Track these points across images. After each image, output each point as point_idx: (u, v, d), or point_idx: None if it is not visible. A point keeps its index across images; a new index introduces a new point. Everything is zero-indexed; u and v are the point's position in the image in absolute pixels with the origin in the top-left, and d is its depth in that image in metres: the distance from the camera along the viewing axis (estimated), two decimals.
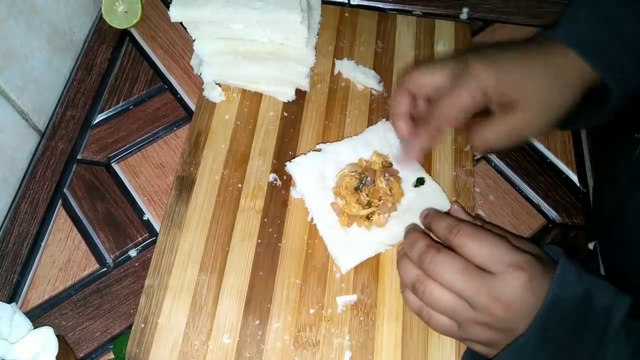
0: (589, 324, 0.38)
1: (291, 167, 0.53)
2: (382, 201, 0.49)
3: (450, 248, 0.42)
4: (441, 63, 0.46)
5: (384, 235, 0.50)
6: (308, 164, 0.53)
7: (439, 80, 0.46)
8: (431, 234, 0.46)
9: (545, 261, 0.40)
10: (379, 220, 0.49)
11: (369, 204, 0.49)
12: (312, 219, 0.52)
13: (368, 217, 0.49)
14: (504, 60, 0.43)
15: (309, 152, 0.54)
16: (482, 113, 0.45)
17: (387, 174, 0.51)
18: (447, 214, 0.50)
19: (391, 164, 0.52)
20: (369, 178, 0.50)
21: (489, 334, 0.40)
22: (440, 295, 0.41)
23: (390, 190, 0.50)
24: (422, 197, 0.51)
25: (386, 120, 0.55)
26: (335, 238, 0.50)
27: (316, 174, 0.52)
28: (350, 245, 0.49)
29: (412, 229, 0.48)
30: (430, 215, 0.47)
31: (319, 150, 0.54)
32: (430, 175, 0.53)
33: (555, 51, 0.43)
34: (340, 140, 0.55)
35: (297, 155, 0.54)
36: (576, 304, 0.38)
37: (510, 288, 0.38)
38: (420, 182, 0.52)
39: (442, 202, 0.51)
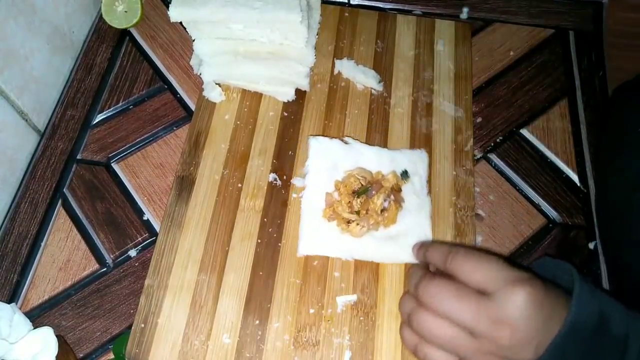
0: (605, 351, 0.36)
1: (312, 140, 0.53)
2: (367, 214, 0.49)
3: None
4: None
5: (352, 246, 0.49)
6: (329, 148, 0.53)
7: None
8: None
9: (542, 279, 0.37)
10: (354, 230, 0.49)
11: (358, 213, 0.49)
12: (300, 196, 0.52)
13: (348, 222, 0.49)
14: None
15: (336, 138, 0.54)
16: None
17: (392, 196, 0.50)
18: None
19: (400, 190, 0.51)
20: (373, 192, 0.49)
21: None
22: (436, 326, 0.37)
23: (382, 211, 0.49)
24: (410, 233, 0.50)
25: (425, 151, 0.54)
26: (311, 222, 0.50)
27: (330, 161, 0.52)
28: (318, 236, 0.49)
29: (414, 265, 0.46)
30: (424, 246, 0.45)
31: (346, 142, 0.54)
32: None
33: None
34: (370, 144, 0.54)
35: (297, 155, 0.54)
36: (592, 330, 0.35)
37: (511, 306, 0.35)
38: (405, 174, 0.52)
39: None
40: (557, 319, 0.36)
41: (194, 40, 0.56)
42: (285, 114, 0.58)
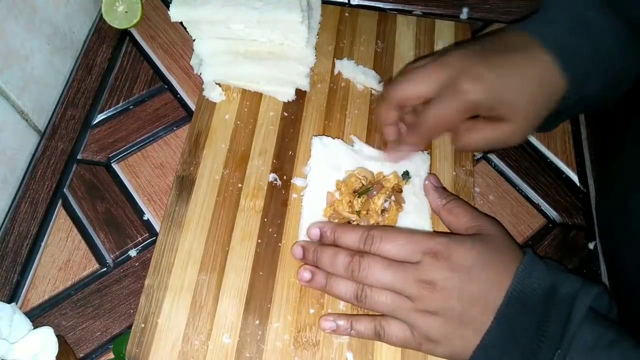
0: (552, 312, 0.39)
1: (316, 141, 0.53)
2: (368, 214, 0.49)
3: None
4: (425, 71, 0.46)
5: None
6: (331, 147, 0.53)
7: (425, 92, 0.46)
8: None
9: (485, 238, 0.43)
10: None
11: (358, 213, 0.49)
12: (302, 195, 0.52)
13: (349, 222, 0.49)
14: (491, 72, 0.43)
15: (338, 138, 0.54)
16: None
17: (392, 197, 0.50)
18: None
19: (401, 190, 0.51)
20: (374, 192, 0.49)
21: (434, 321, 0.41)
22: (380, 295, 0.43)
23: (383, 212, 0.49)
24: None
25: (427, 153, 0.54)
26: (311, 221, 0.50)
27: (332, 161, 0.52)
28: None
29: (318, 247, 0.47)
30: (330, 229, 0.47)
31: (352, 142, 0.54)
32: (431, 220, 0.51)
33: (535, 57, 0.44)
34: (370, 144, 0.54)
35: (298, 155, 0.54)
36: (541, 296, 0.39)
37: (430, 272, 0.41)
38: (406, 174, 0.52)
39: None
40: (501, 282, 0.40)
41: (194, 40, 0.56)
42: (286, 114, 0.58)
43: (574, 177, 0.57)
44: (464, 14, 0.66)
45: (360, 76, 0.59)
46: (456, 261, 0.41)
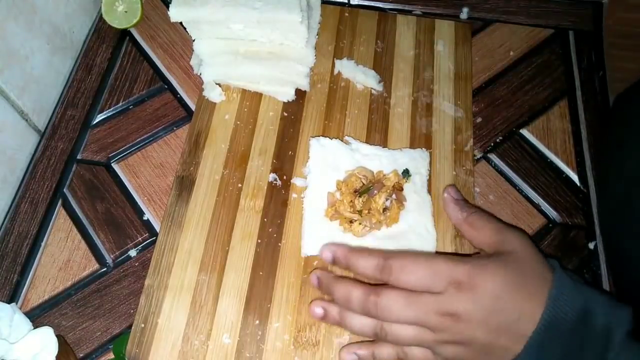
0: (587, 344, 0.37)
1: (314, 142, 0.53)
2: (370, 213, 0.49)
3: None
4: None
5: (354, 245, 0.48)
6: (330, 148, 0.53)
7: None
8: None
9: (510, 257, 0.41)
10: (357, 229, 0.49)
11: (360, 212, 0.49)
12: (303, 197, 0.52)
13: (351, 222, 0.49)
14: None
15: (336, 139, 0.54)
16: None
17: (394, 195, 0.50)
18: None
19: (402, 189, 0.51)
20: (375, 191, 0.49)
21: (458, 350, 0.40)
22: (401, 330, 0.41)
23: (384, 210, 0.49)
24: (412, 233, 0.50)
25: (427, 151, 0.54)
26: (313, 222, 0.50)
27: (331, 161, 0.52)
28: (322, 236, 0.49)
29: (331, 281, 0.44)
30: (343, 255, 0.44)
31: (347, 142, 0.54)
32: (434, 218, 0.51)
33: None
34: (370, 144, 0.54)
35: (297, 155, 0.54)
36: (574, 322, 0.37)
37: (453, 304, 0.39)
38: (406, 172, 0.51)
39: (429, 245, 0.49)
40: (530, 308, 0.38)
41: (194, 40, 0.56)
42: (285, 114, 0.58)
43: (574, 177, 0.57)
44: (464, 13, 0.66)
45: (360, 76, 0.59)
46: (481, 291, 0.39)
